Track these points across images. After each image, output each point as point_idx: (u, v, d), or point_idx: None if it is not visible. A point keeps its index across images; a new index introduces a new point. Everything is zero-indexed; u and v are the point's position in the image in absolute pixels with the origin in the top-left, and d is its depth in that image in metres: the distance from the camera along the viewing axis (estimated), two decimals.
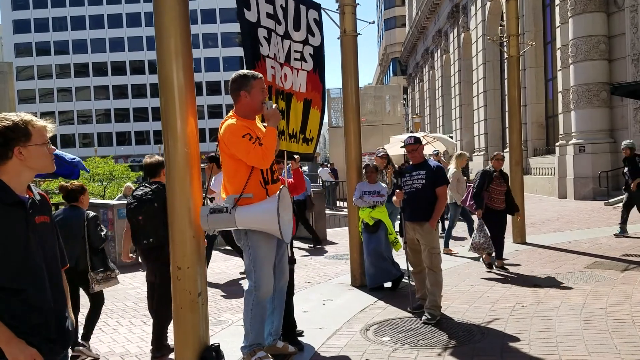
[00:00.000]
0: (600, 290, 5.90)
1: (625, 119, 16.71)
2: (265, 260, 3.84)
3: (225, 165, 3.83)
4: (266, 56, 5.09)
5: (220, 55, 74.95)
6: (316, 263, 8.78)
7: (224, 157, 3.81)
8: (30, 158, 2.04)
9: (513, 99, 10.03)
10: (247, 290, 3.87)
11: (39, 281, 2.01)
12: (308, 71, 5.87)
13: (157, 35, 3.57)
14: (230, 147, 3.72)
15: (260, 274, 3.82)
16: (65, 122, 74.14)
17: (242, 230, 3.80)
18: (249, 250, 3.82)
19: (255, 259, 3.81)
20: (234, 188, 3.76)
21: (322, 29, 6.21)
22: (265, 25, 5.13)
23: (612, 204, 14.72)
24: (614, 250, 8.26)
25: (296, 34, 5.71)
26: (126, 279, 8.28)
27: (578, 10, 16.97)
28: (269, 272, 3.88)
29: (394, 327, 4.98)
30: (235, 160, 3.75)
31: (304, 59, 5.82)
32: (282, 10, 5.43)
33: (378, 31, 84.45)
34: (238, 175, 3.76)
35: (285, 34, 5.50)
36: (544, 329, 4.69)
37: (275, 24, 5.28)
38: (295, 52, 5.69)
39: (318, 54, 6.05)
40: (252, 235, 3.79)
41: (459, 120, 33.69)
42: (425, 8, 40.73)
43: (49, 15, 75.35)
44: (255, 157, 3.67)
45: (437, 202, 5.27)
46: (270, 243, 3.87)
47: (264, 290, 3.84)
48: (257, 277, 3.82)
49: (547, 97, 22.55)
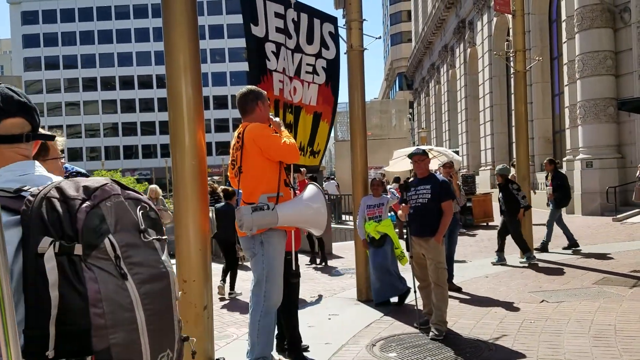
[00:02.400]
0: (609, 306, 5.84)
1: (633, 134, 16.66)
2: (279, 270, 3.86)
3: (254, 165, 3.80)
4: (274, 70, 5.13)
5: (227, 70, 75.51)
6: (322, 277, 8.75)
7: (252, 158, 3.79)
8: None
9: (520, 113, 10.02)
10: (255, 301, 3.85)
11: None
12: (320, 84, 5.89)
13: (167, 50, 3.61)
14: (261, 142, 3.75)
15: (272, 284, 3.82)
16: (73, 135, 74.70)
17: (258, 240, 3.81)
18: (264, 260, 3.81)
19: (270, 269, 3.81)
20: (265, 187, 3.79)
21: (338, 42, 6.25)
22: (274, 39, 5.16)
23: (620, 219, 14.62)
24: (622, 266, 8.18)
25: (309, 47, 5.73)
26: None
27: (585, 26, 17.01)
28: (281, 283, 3.89)
29: (401, 343, 4.93)
30: (263, 160, 3.78)
31: (316, 72, 5.85)
32: (293, 24, 5.46)
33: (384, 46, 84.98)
34: (268, 174, 3.80)
35: (296, 47, 5.53)
36: (552, 346, 4.64)
37: (286, 38, 5.32)
38: (307, 66, 5.72)
39: (332, 67, 6.07)
40: (269, 246, 3.81)
41: (465, 134, 33.69)
42: (432, 24, 40.96)
43: (58, 30, 76.31)
44: (288, 150, 3.75)
45: (443, 216, 5.24)
46: (283, 253, 3.91)
47: (275, 300, 3.84)
48: (268, 287, 3.81)
49: (554, 112, 22.55)
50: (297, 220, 3.92)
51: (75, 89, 77.34)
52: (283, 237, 3.94)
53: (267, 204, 3.67)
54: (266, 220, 3.67)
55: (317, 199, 3.88)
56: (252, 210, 3.64)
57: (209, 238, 3.84)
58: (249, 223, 3.64)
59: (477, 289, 7.15)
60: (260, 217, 3.64)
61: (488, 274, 8.12)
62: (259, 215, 3.63)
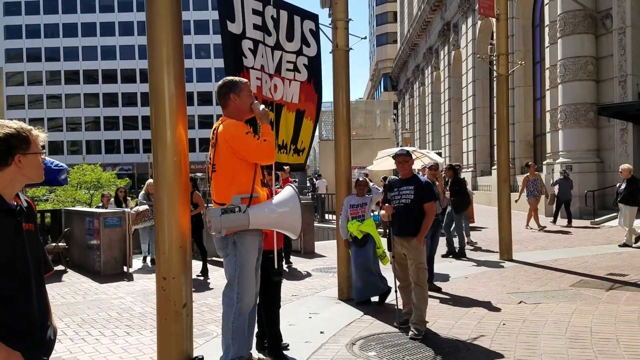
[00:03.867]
0: (586, 308, 5.93)
1: (612, 139, 16.93)
2: (252, 271, 3.79)
3: (227, 165, 3.71)
4: (251, 67, 5.10)
5: (212, 66, 75.04)
6: (304, 275, 8.74)
7: (225, 157, 3.70)
8: (27, 166, 2.05)
9: (501, 117, 10.12)
10: (227, 303, 3.78)
11: (27, 289, 2.02)
12: (302, 82, 5.87)
13: (149, 44, 3.57)
14: (234, 143, 3.65)
15: (244, 285, 3.75)
16: (54, 129, 73.62)
17: (231, 240, 3.73)
18: (236, 261, 3.74)
19: (242, 269, 3.74)
20: (238, 188, 3.69)
21: (319, 39, 6.23)
22: (251, 36, 5.14)
23: (598, 223, 14.84)
24: (599, 269, 8.31)
25: (289, 44, 5.71)
26: (110, 288, 8.18)
27: (567, 32, 17.24)
28: (253, 283, 3.82)
29: (380, 342, 4.95)
30: (237, 160, 3.68)
31: (297, 69, 5.83)
32: (272, 21, 5.44)
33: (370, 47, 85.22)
34: (241, 174, 3.70)
35: (276, 44, 5.51)
36: (529, 347, 4.69)
37: (264, 35, 5.29)
38: (287, 63, 5.70)
39: (313, 65, 6.06)
40: (241, 246, 3.73)
41: (448, 136, 33.94)
42: (417, 25, 41.18)
43: (40, 21, 75.11)
44: (262, 152, 3.66)
45: (425, 217, 5.28)
46: (256, 253, 3.84)
47: (247, 301, 3.77)
48: (241, 288, 3.74)
49: (535, 116, 22.82)
50: (269, 223, 3.79)
51: (57, 81, 76.23)
52: (257, 237, 3.85)
53: (239, 206, 3.58)
54: (236, 222, 3.58)
55: (292, 202, 3.78)
56: (222, 212, 3.55)
57: (190, 235, 3.79)
58: (217, 225, 3.55)
59: (456, 289, 7.21)
60: (229, 220, 3.55)
61: (468, 275, 8.19)
62: (228, 217, 3.54)
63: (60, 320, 6.04)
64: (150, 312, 6.34)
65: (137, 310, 6.69)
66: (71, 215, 11.26)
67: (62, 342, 5.21)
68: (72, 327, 5.92)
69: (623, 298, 6.36)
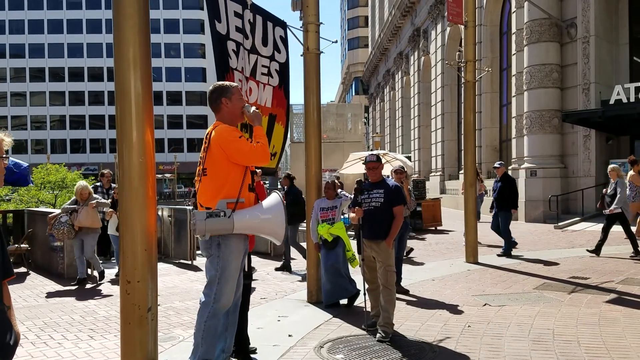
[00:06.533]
0: (548, 311, 6.06)
1: (576, 145, 17.39)
2: (233, 274, 3.81)
3: (218, 169, 3.75)
4: (234, 69, 5.10)
5: (182, 66, 74.15)
6: (273, 278, 8.71)
7: (217, 162, 3.74)
8: None
9: (468, 122, 10.28)
10: (203, 302, 3.80)
11: None
12: (274, 87, 5.90)
13: (116, 43, 3.51)
14: (227, 148, 3.69)
15: (224, 286, 3.77)
16: (18, 127, 71.63)
17: (215, 241, 3.76)
18: (218, 262, 3.77)
19: (223, 271, 3.76)
20: (226, 193, 3.72)
21: (287, 46, 6.28)
22: (234, 38, 5.15)
23: (562, 227, 15.22)
24: (562, 272, 8.51)
25: (264, 49, 5.74)
26: (74, 291, 7.99)
27: (533, 39, 17.65)
28: (233, 287, 3.85)
29: (348, 345, 4.97)
30: (229, 165, 3.72)
31: (271, 74, 5.86)
32: (249, 24, 5.45)
33: (341, 50, 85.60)
34: (231, 179, 3.74)
35: (252, 48, 5.52)
36: (493, 349, 4.78)
37: (243, 38, 5.31)
38: (262, 67, 5.72)
39: (283, 71, 6.10)
40: (226, 248, 3.76)
41: (417, 140, 34.33)
42: (388, 31, 41.57)
43: (5, 17, 72.99)
44: (256, 154, 3.71)
45: (394, 221, 5.32)
46: (240, 257, 3.86)
47: (224, 302, 3.79)
48: (219, 288, 3.76)
49: (502, 121, 23.28)
50: (253, 228, 3.87)
51: (22, 79, 74.14)
52: (242, 240, 3.89)
53: (224, 210, 3.63)
54: (219, 227, 3.64)
55: (276, 208, 3.85)
56: (207, 215, 3.60)
57: (156, 238, 3.74)
58: (202, 228, 3.62)
59: (423, 291, 7.28)
60: (214, 224, 3.61)
61: (435, 277, 8.29)
62: (213, 221, 3.61)
63: (21, 324, 5.86)
64: (115, 316, 6.22)
65: (101, 313, 6.56)
66: (34, 216, 10.96)
67: (23, 347, 5.06)
68: (34, 330, 5.76)
69: (585, 301, 6.53)
